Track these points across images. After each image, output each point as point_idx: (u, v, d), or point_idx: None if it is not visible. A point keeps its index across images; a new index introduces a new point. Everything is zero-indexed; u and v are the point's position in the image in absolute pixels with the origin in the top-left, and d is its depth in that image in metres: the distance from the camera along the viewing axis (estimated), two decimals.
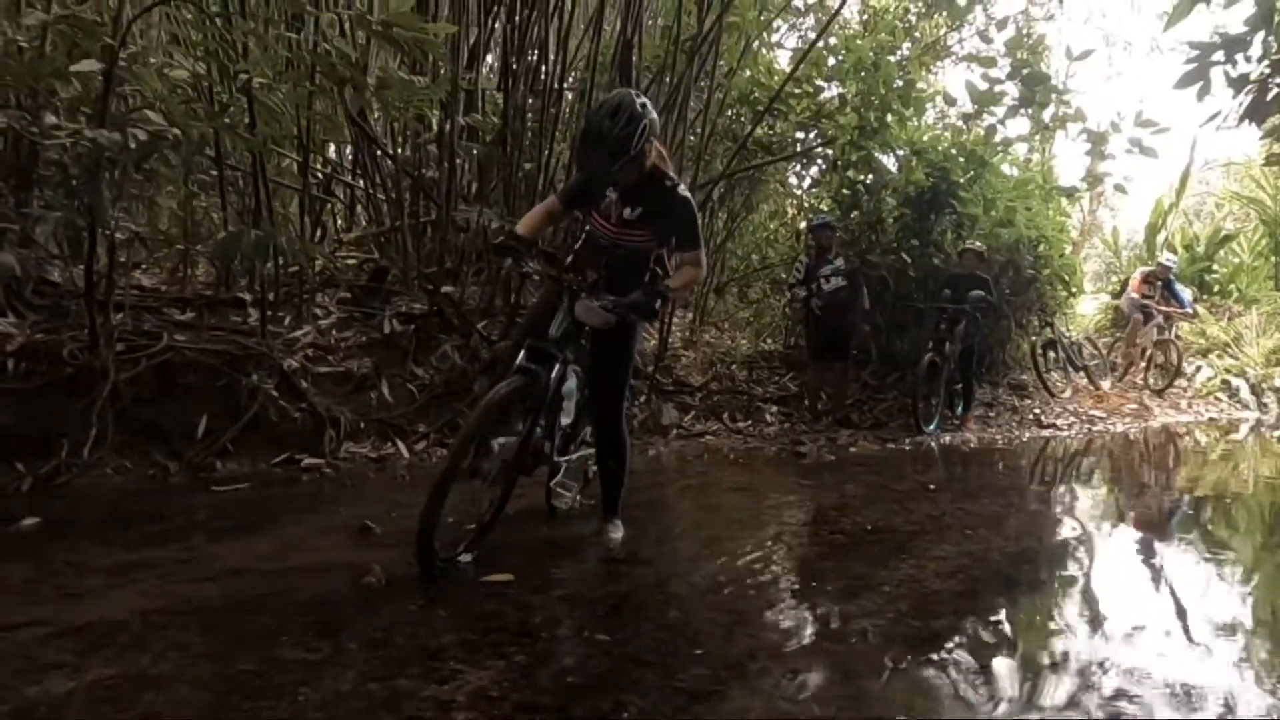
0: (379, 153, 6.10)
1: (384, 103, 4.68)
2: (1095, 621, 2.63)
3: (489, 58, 6.78)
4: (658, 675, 2.03)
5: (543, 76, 6.29)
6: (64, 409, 3.97)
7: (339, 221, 7.01)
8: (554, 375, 2.88)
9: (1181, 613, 2.78)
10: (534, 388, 2.82)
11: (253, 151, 4.70)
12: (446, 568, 2.67)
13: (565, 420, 3.23)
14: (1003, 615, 2.68)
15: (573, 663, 2.11)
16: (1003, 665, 2.20)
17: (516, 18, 6.00)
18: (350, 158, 6.81)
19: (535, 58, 6.26)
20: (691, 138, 7.02)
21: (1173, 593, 3.06)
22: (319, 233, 6.22)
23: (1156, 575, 3.35)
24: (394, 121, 5.84)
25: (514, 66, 5.97)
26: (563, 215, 3.25)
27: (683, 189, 3.05)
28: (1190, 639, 2.49)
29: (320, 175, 6.58)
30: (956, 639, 2.39)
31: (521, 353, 2.89)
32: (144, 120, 3.83)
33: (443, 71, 5.42)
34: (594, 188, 3.07)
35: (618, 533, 3.27)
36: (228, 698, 1.83)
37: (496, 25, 6.31)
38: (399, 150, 6.03)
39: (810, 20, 9.77)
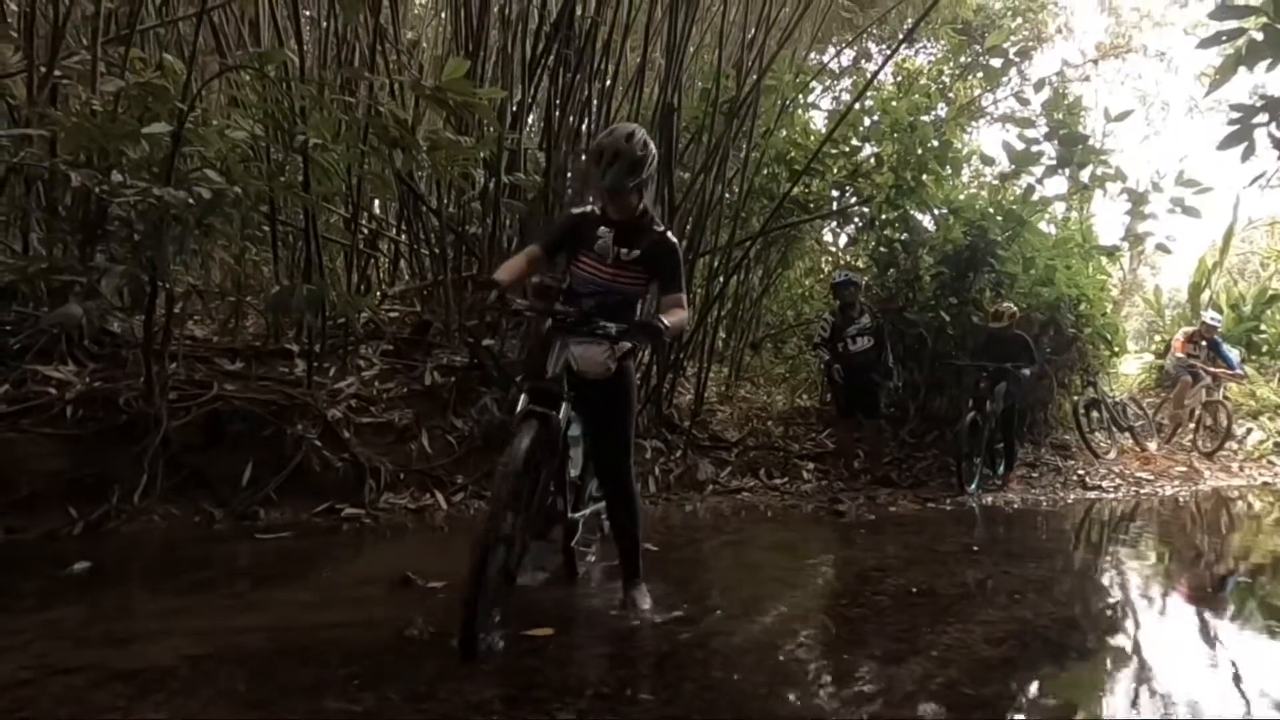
0: (424, 209, 6.27)
1: (433, 161, 4.84)
2: (1150, 694, 2.54)
3: (531, 118, 6.99)
4: None
5: (584, 136, 6.46)
6: (117, 455, 4.08)
7: (382, 275, 7.18)
8: (562, 416, 2.69)
9: (1239, 687, 2.66)
10: (545, 431, 2.62)
11: (305, 208, 4.87)
12: (487, 642, 2.44)
13: (574, 472, 3.01)
14: (1056, 684, 2.60)
15: None
16: None
17: (560, 80, 6.20)
18: (396, 213, 7.00)
19: (577, 118, 6.44)
20: (729, 196, 7.12)
21: (1232, 666, 2.94)
22: (364, 286, 6.38)
23: (1211, 648, 3.22)
24: (439, 179, 6.02)
25: (556, 126, 6.15)
26: (545, 263, 3.04)
27: (671, 233, 2.99)
28: (1247, 715, 2.38)
29: (366, 230, 6.77)
30: (1010, 708, 2.32)
31: (523, 397, 2.69)
32: (205, 179, 4.01)
33: (488, 131, 5.60)
34: (584, 229, 2.94)
35: (646, 601, 3.04)
36: None
37: (540, 87, 6.51)
38: (444, 207, 6.19)
39: (846, 82, 9.95)
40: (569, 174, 6.31)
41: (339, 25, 5.62)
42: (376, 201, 7.16)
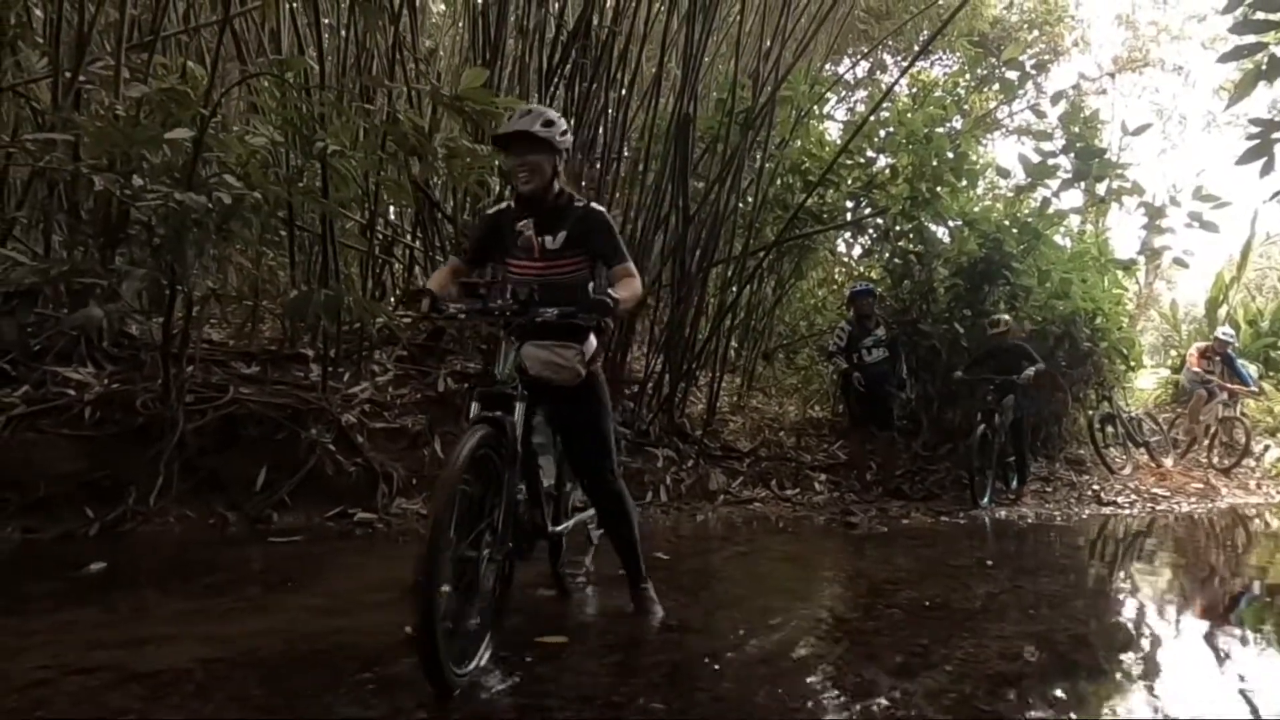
0: (440, 216, 6.30)
1: (449, 169, 4.87)
2: (1162, 712, 2.51)
3: None
4: None
5: (599, 144, 6.49)
6: (133, 457, 4.11)
7: (397, 281, 7.22)
8: (518, 419, 2.53)
9: (1253, 708, 2.62)
10: (500, 438, 2.44)
11: (323, 214, 4.91)
12: (470, 681, 2.26)
13: (547, 481, 2.84)
14: (1069, 700, 2.57)
15: None
16: None
17: (576, 89, 6.23)
18: (412, 220, 7.04)
19: (593, 127, 6.46)
20: (743, 206, 7.13)
21: (1244, 685, 2.90)
22: (379, 292, 6.42)
23: (1228, 666, 3.18)
24: (455, 187, 6.05)
25: (572, 135, 6.17)
26: (468, 273, 2.95)
27: (595, 204, 2.87)
28: None
29: (382, 236, 6.81)
30: None
31: (474, 405, 2.52)
32: (225, 184, 4.05)
33: None
34: (503, 227, 2.82)
35: (657, 606, 3.03)
36: None
37: (556, 94, 6.55)
38: (459, 214, 6.22)
39: (861, 93, 9.95)
40: (583, 182, 6.33)
41: (358, 33, 5.67)
42: (393, 208, 7.20)
